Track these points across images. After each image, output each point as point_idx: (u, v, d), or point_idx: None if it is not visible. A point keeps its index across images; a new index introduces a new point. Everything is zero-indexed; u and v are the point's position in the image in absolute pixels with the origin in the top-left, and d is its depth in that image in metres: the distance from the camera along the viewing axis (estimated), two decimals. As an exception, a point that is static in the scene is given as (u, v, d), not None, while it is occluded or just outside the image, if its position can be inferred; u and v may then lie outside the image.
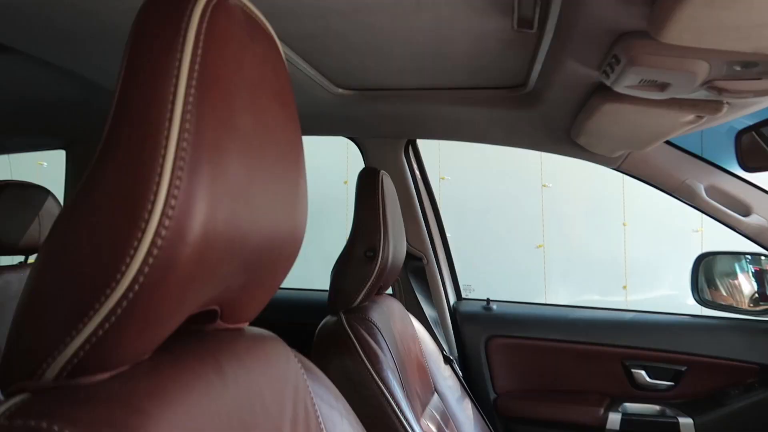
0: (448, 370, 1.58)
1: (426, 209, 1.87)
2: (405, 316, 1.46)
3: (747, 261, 1.79)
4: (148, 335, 0.37)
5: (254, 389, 0.51)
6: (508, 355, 1.77)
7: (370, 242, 1.22)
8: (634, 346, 1.65)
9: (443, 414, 1.43)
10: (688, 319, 1.70)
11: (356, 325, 1.17)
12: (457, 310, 1.85)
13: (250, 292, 0.51)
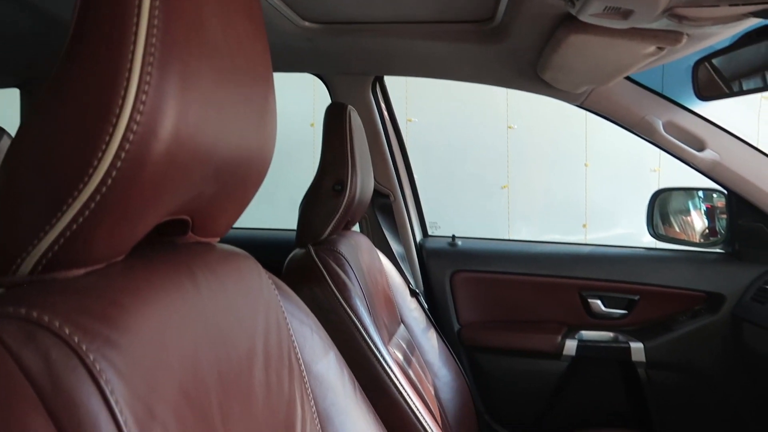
0: (414, 302, 1.63)
1: (393, 147, 1.88)
2: (372, 251, 1.49)
3: (700, 199, 1.87)
4: (121, 233, 0.38)
5: (228, 299, 0.53)
6: (471, 289, 1.83)
7: (338, 176, 1.23)
8: (590, 278, 1.73)
9: (409, 343, 1.49)
10: (641, 251, 1.79)
11: (324, 256, 1.19)
12: (423, 247, 1.90)
13: (221, 204, 0.52)
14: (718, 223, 1.77)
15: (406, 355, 1.42)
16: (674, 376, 1.65)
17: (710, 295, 1.63)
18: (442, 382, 1.52)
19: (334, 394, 0.70)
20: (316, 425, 0.64)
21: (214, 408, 0.45)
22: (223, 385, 0.47)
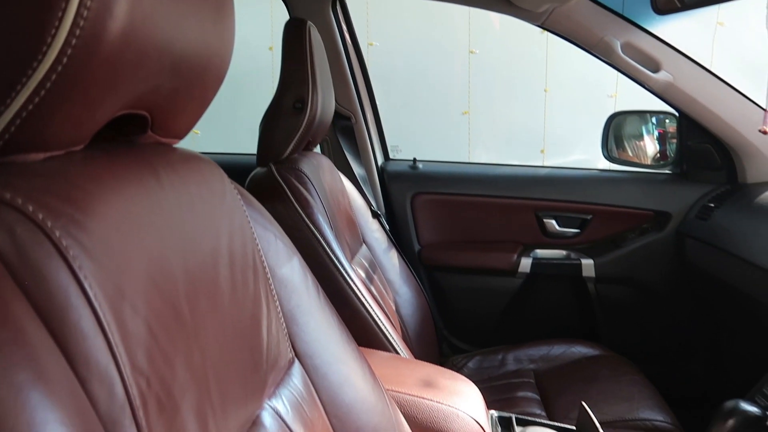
0: (375, 224, 1.66)
1: (354, 69, 1.85)
2: (334, 172, 1.50)
3: (653, 124, 1.93)
4: (79, 119, 0.38)
5: (191, 199, 0.53)
6: (431, 210, 1.87)
7: (299, 93, 1.21)
8: (546, 199, 1.78)
9: (371, 262, 1.53)
10: (595, 173, 1.85)
11: (286, 174, 1.19)
12: (385, 170, 1.91)
13: (180, 103, 0.51)
14: (668, 147, 1.84)
15: (368, 273, 1.46)
16: (621, 290, 1.75)
17: (657, 214, 1.71)
18: (403, 299, 1.58)
19: (298, 296, 0.72)
20: (282, 324, 0.67)
21: (182, 298, 0.46)
22: (189, 278, 0.48)
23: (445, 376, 0.98)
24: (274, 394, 0.61)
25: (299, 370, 0.67)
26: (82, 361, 0.32)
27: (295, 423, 0.61)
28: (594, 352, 1.56)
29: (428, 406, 0.89)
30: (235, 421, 0.52)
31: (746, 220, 1.41)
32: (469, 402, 0.92)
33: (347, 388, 0.72)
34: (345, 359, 0.75)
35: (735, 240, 1.39)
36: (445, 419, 0.88)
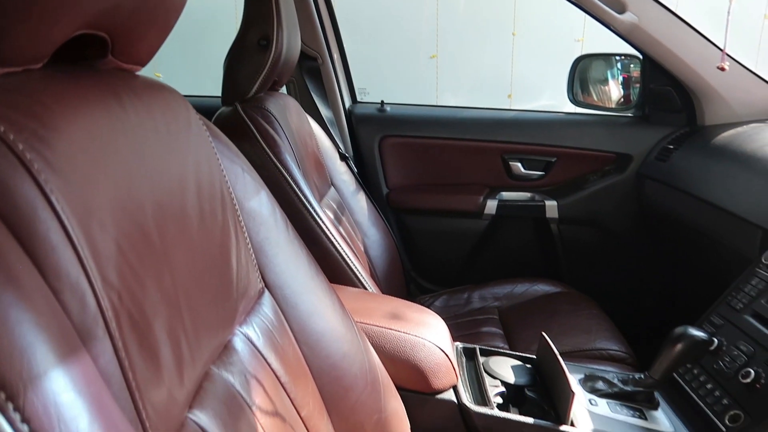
0: (343, 166, 1.66)
1: (320, 9, 1.80)
2: (301, 113, 1.48)
3: (618, 69, 1.95)
4: (36, 34, 0.37)
5: (156, 125, 0.53)
6: (399, 153, 1.87)
7: (264, 30, 1.18)
8: (512, 141, 1.80)
9: (339, 204, 1.54)
10: (560, 116, 1.87)
11: (252, 113, 1.18)
12: (353, 113, 1.90)
13: (141, 26, 0.50)
14: (632, 91, 1.86)
15: (337, 214, 1.47)
16: (583, 230, 1.80)
17: (619, 156, 1.75)
18: (371, 240, 1.60)
19: (267, 229, 0.73)
20: (251, 255, 0.68)
21: (150, 223, 0.47)
22: (156, 204, 0.48)
23: (412, 309, 1.01)
24: (245, 321, 0.63)
25: (269, 300, 0.69)
26: (53, 272, 0.32)
27: (266, 349, 0.63)
28: (555, 289, 1.62)
29: (395, 336, 0.92)
30: (208, 346, 0.54)
31: (702, 160, 1.46)
32: (435, 333, 0.96)
33: (316, 317, 0.74)
34: (314, 290, 0.76)
35: (691, 180, 1.44)
36: (411, 348, 0.91)
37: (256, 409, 0.56)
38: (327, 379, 0.72)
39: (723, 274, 1.20)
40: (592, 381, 1.04)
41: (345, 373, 0.75)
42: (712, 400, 0.98)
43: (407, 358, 0.91)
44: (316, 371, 0.71)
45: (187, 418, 0.47)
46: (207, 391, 0.51)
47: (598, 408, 0.98)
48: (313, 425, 0.66)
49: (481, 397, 0.96)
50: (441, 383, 0.92)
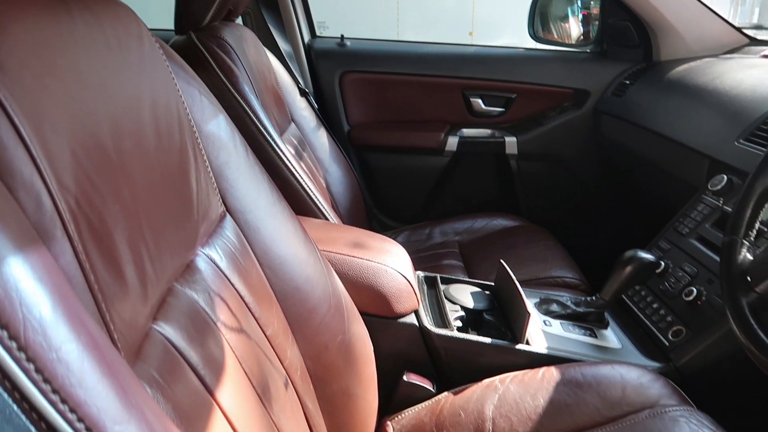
0: (303, 102, 1.64)
1: (275, -64, 1.73)
2: (258, 46, 1.44)
3: (578, 6, 1.94)
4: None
5: (106, 37, 0.51)
6: (360, 89, 1.85)
7: (216, -46, 1.13)
8: (473, 77, 1.80)
9: (300, 140, 1.52)
10: (520, 52, 1.87)
11: (207, 42, 1.14)
12: (312, 47, 1.85)
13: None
14: (591, 28, 1.87)
15: (298, 150, 1.45)
16: (541, 166, 1.84)
17: (577, 92, 1.77)
18: (333, 177, 1.60)
19: (227, 153, 0.72)
20: (211, 179, 0.67)
21: (106, 135, 0.46)
22: (111, 117, 0.47)
23: (374, 239, 1.03)
24: (208, 243, 0.63)
25: (231, 224, 0.69)
26: (6, 170, 0.32)
27: (229, 270, 0.63)
28: (514, 223, 1.66)
29: (358, 263, 0.94)
30: (171, 263, 0.54)
31: (657, 95, 1.49)
32: (397, 260, 0.98)
33: (279, 242, 0.75)
34: (276, 215, 0.77)
35: (646, 114, 1.47)
36: (374, 274, 0.93)
37: (221, 325, 0.57)
38: (291, 302, 0.73)
39: (673, 203, 1.25)
40: (547, 304, 1.09)
41: (308, 296, 0.76)
42: (657, 318, 1.04)
43: (370, 284, 0.93)
44: (280, 294, 0.72)
45: (151, 328, 0.47)
46: (171, 305, 0.51)
47: (552, 328, 1.03)
48: (278, 344, 0.68)
49: (442, 321, 1.00)
50: (403, 308, 0.95)
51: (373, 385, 0.86)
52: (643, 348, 1.01)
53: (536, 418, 0.83)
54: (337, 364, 0.79)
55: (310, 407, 0.72)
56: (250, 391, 0.58)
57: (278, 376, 0.65)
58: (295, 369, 0.70)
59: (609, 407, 0.82)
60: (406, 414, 0.89)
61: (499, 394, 0.87)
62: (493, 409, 0.85)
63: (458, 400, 0.88)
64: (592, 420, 0.81)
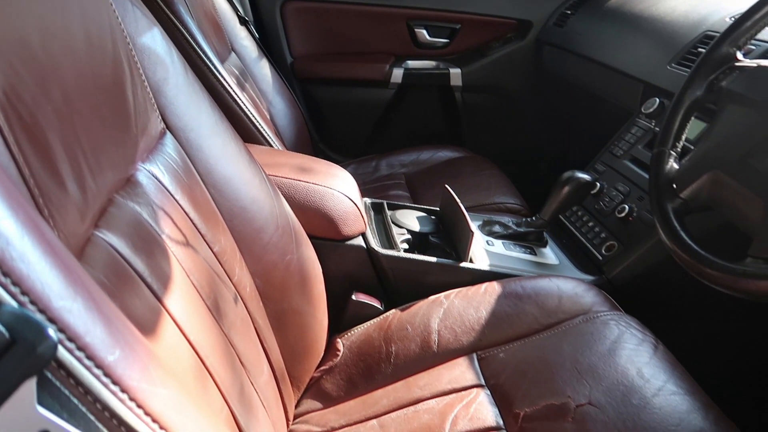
0: (243, 31, 1.58)
1: None
2: (192, -31, 1.37)
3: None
4: None
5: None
6: (303, 20, 1.80)
7: None
8: (417, 7, 1.77)
9: (242, 71, 1.47)
10: (465, -19, 1.84)
11: (137, -40, 1.07)
12: (250, -26, 1.77)
13: None
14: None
15: (239, 80, 1.41)
16: (485, 97, 1.85)
17: (520, 22, 1.78)
18: (276, 109, 1.57)
19: (164, 69, 0.70)
20: (148, 94, 0.65)
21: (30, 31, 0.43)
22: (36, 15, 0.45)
23: (319, 163, 1.03)
24: (149, 159, 0.62)
25: (173, 142, 0.67)
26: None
27: (172, 186, 0.63)
28: (458, 154, 1.69)
29: (305, 187, 0.94)
30: (110, 174, 0.53)
31: (596, 24, 1.51)
32: (343, 183, 0.98)
33: (223, 161, 0.74)
34: (219, 135, 0.75)
35: (585, 43, 1.50)
36: (321, 198, 0.94)
37: (166, 238, 0.56)
38: (237, 222, 0.73)
39: (609, 129, 1.30)
40: (490, 225, 1.13)
41: (255, 215, 0.76)
42: (592, 236, 1.10)
43: (317, 207, 0.93)
44: (227, 213, 0.72)
45: (94, 234, 0.47)
46: (113, 215, 0.51)
47: (494, 248, 1.07)
48: (226, 261, 0.68)
49: (389, 243, 1.02)
50: (350, 230, 0.97)
51: (323, 304, 0.88)
52: (579, 263, 1.07)
53: (479, 329, 0.87)
54: (286, 283, 0.80)
55: (260, 323, 0.73)
56: (201, 304, 0.58)
57: (227, 292, 0.66)
58: (244, 286, 0.71)
59: (546, 315, 0.87)
60: (356, 331, 0.92)
61: (444, 308, 0.91)
62: (439, 322, 0.89)
63: (405, 315, 0.92)
64: (531, 328, 0.86)
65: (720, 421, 0.67)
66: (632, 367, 0.75)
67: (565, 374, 0.76)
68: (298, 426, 0.82)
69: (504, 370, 0.80)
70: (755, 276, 0.56)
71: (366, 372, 0.87)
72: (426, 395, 0.79)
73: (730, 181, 0.66)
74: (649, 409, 0.68)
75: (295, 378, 0.83)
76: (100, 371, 0.28)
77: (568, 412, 0.71)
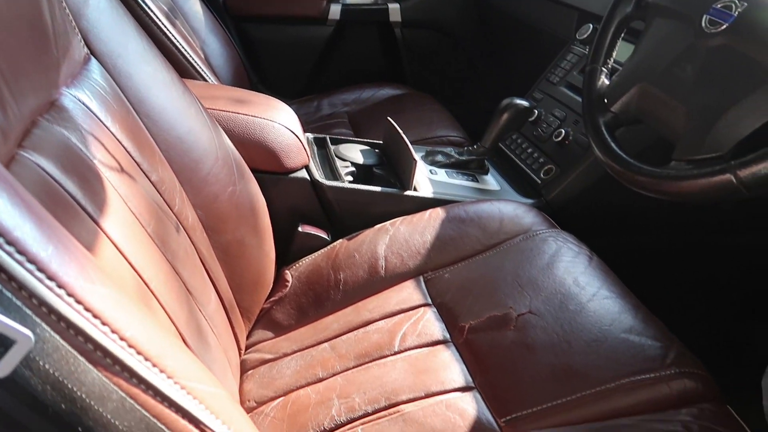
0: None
1: None
2: None
3: None
4: None
5: None
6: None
7: None
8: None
9: (171, 6, 1.40)
10: None
11: None
12: None
13: None
14: None
15: (169, 17, 1.35)
16: (425, 33, 1.84)
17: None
18: (210, 48, 1.51)
19: (84, -10, 0.66)
20: (68, 17, 0.61)
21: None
22: None
23: (259, 97, 1.00)
24: (74, 85, 0.59)
25: (99, 69, 0.64)
26: None
27: (102, 113, 0.60)
28: (400, 91, 1.68)
29: (243, 119, 0.92)
30: (34, 99, 0.50)
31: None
32: (283, 115, 0.97)
33: (155, 90, 0.71)
34: (149, 62, 0.73)
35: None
36: (261, 130, 0.92)
37: (98, 163, 0.55)
38: (174, 152, 0.72)
39: (547, 59, 1.31)
40: (432, 155, 1.14)
41: (192, 146, 0.74)
42: (531, 161, 1.13)
43: (257, 139, 0.92)
44: (162, 143, 0.70)
45: (19, 154, 0.45)
46: (39, 137, 0.48)
47: (437, 176, 1.09)
48: (165, 191, 0.67)
49: (333, 175, 1.02)
50: (293, 163, 0.96)
51: (268, 236, 0.87)
52: (519, 188, 1.10)
53: (425, 252, 0.90)
54: (229, 215, 0.79)
55: (205, 254, 0.73)
56: (141, 230, 0.57)
57: (168, 221, 0.64)
58: (185, 217, 0.70)
59: (488, 237, 0.90)
60: (304, 261, 0.93)
61: (390, 235, 0.92)
62: (385, 248, 0.90)
63: (352, 244, 0.93)
64: (474, 249, 0.89)
65: (648, 319, 0.72)
66: (569, 277, 0.79)
67: (507, 288, 0.79)
68: (250, 355, 0.83)
69: (449, 289, 0.83)
70: (678, 177, 0.59)
71: (316, 300, 0.88)
72: (375, 317, 0.81)
73: (655, 91, 0.68)
74: (585, 313, 0.72)
75: (245, 309, 0.83)
76: (33, 266, 0.28)
77: (510, 321, 0.74)
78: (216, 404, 0.35)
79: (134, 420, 0.30)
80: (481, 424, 0.65)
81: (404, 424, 0.65)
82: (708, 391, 0.64)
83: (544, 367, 0.68)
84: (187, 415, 0.33)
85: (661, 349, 0.66)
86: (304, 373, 0.75)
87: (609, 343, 0.68)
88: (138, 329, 0.32)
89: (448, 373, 0.71)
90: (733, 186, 0.54)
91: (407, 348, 0.75)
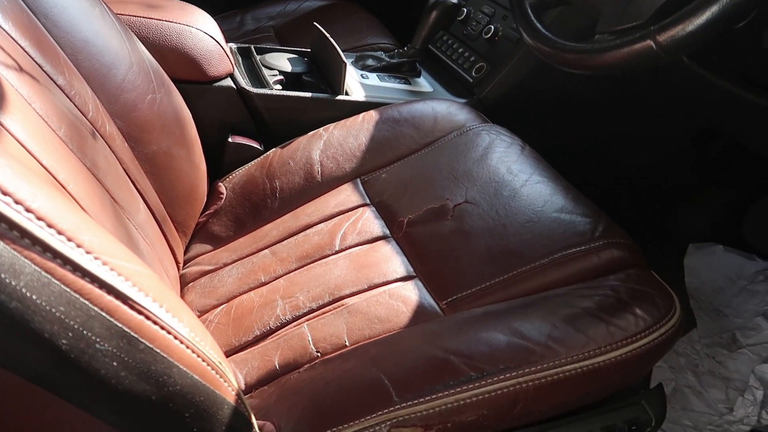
0: None
1: None
2: None
3: None
4: None
5: None
6: None
7: None
8: None
9: None
10: None
11: None
12: None
13: None
14: None
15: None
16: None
17: None
18: None
19: None
20: None
21: None
22: None
23: (171, 2, 0.94)
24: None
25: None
26: None
27: (-10, 9, 0.54)
28: (327, 2, 1.61)
29: (158, 25, 0.86)
30: None
31: None
32: (201, 20, 0.91)
33: None
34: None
35: None
36: (178, 36, 0.87)
37: (-7, 60, 0.50)
38: (81, 56, 0.66)
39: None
40: (363, 60, 1.11)
41: (102, 50, 0.69)
42: (462, 60, 1.11)
43: (174, 46, 0.86)
44: (67, 46, 0.65)
45: None
46: None
47: (369, 80, 1.06)
48: (75, 96, 0.62)
49: (260, 83, 0.98)
50: (216, 71, 0.91)
51: (197, 148, 0.84)
52: (452, 88, 1.09)
53: (360, 155, 0.89)
54: (152, 125, 0.75)
55: (129, 165, 0.69)
56: (50, 133, 0.53)
57: (82, 127, 0.60)
58: (102, 125, 0.66)
59: (423, 135, 0.90)
60: (237, 173, 0.90)
61: (324, 140, 0.90)
62: (320, 153, 0.89)
63: (286, 152, 0.90)
64: (410, 148, 0.89)
65: (578, 198, 0.74)
66: (502, 166, 0.80)
67: (443, 182, 0.80)
68: (189, 269, 0.81)
69: (387, 188, 0.83)
70: (602, 50, 0.60)
71: (252, 210, 0.86)
72: (314, 220, 0.81)
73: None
74: (518, 197, 0.74)
75: (179, 223, 0.81)
76: None
77: (447, 211, 0.75)
78: (144, 282, 0.34)
79: (52, 294, 0.29)
80: (423, 308, 0.66)
81: (349, 316, 0.66)
82: (634, 258, 0.67)
83: (481, 251, 0.70)
84: (112, 291, 0.32)
85: (590, 223, 0.69)
86: (246, 279, 0.75)
87: (542, 223, 0.70)
88: (46, 202, 0.30)
89: (390, 265, 0.72)
90: (654, 52, 0.55)
91: (348, 246, 0.75)
